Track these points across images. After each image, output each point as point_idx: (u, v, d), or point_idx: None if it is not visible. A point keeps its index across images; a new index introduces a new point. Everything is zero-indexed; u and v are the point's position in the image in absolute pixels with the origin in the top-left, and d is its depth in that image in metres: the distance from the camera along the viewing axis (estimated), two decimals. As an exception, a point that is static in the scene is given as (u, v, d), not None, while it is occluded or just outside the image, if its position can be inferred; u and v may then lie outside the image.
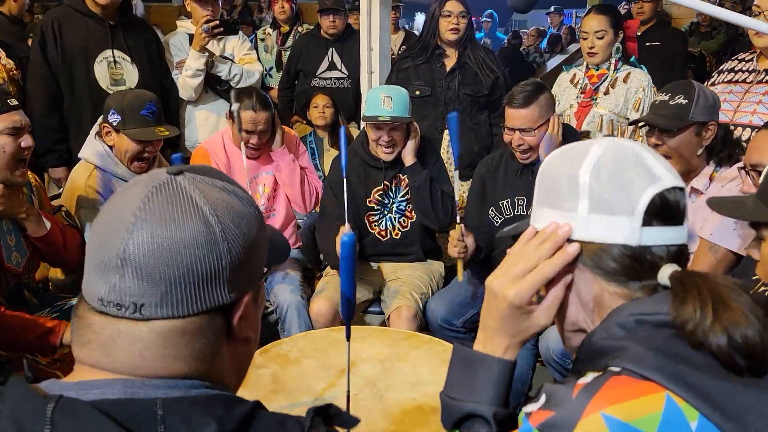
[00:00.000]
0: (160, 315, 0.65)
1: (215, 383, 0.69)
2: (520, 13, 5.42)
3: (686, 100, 1.90)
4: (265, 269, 0.78)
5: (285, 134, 2.60)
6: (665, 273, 0.78)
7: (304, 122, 3.67)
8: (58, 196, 2.51)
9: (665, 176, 0.80)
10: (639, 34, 4.12)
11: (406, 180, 2.47)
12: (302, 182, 2.58)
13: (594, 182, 0.80)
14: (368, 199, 2.49)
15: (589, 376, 0.73)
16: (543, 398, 0.73)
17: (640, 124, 2.15)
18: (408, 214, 2.53)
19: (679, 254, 0.80)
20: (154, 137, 2.18)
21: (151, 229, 0.64)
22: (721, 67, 2.56)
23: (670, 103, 1.92)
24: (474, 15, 3.05)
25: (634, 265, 0.79)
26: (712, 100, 1.94)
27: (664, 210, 0.79)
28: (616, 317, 0.78)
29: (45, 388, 0.65)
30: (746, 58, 2.47)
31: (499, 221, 2.37)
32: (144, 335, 0.65)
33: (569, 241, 0.81)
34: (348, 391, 1.37)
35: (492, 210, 2.39)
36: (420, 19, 6.99)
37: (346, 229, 2.17)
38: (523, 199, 2.33)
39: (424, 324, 2.38)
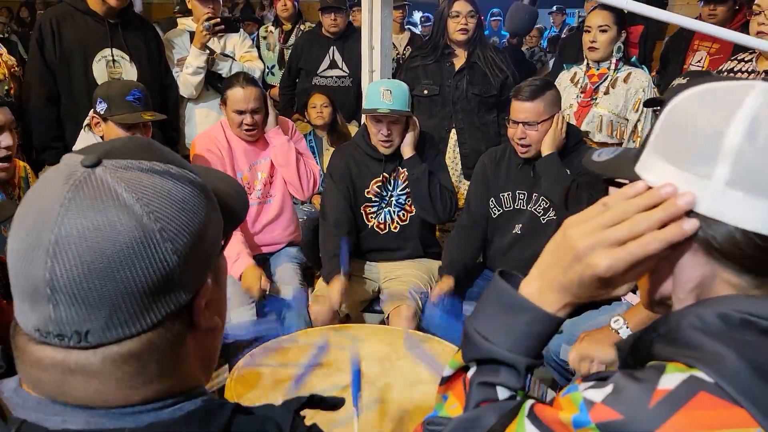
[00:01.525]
0: (109, 339, 0.57)
1: (185, 385, 0.63)
2: (519, 35, 5.39)
3: None
4: (223, 242, 0.68)
5: (279, 119, 2.60)
6: None
7: (305, 120, 3.67)
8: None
9: None
10: None
11: (406, 173, 2.47)
12: (298, 163, 2.57)
13: (746, 147, 0.61)
14: (366, 190, 2.49)
15: (671, 378, 0.60)
16: (610, 388, 0.61)
17: (654, 107, 2.11)
18: (407, 207, 2.53)
19: None
20: (139, 120, 2.18)
21: (76, 247, 0.54)
22: (720, 68, 2.56)
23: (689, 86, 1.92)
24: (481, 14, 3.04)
25: (765, 258, 0.63)
26: None
27: None
28: (719, 306, 0.64)
29: (8, 398, 0.60)
30: (746, 59, 2.46)
31: (498, 213, 2.39)
32: (98, 368, 0.57)
33: (688, 213, 0.64)
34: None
35: (492, 201, 2.40)
36: (417, 17, 6.97)
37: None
38: (524, 194, 2.34)
39: (423, 323, 2.38)
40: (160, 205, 0.58)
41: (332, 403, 0.71)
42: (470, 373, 0.73)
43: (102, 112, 2.17)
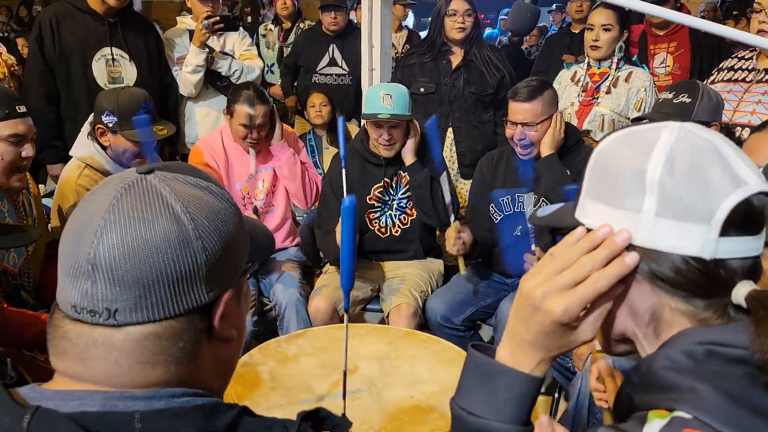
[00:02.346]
0: (136, 320, 0.63)
1: (198, 388, 0.67)
2: (519, 35, 5.39)
3: (690, 99, 1.89)
4: (248, 265, 0.75)
5: (284, 130, 2.59)
6: (741, 292, 0.66)
7: (303, 118, 3.67)
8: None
9: (751, 179, 0.67)
10: None
11: (407, 177, 2.47)
12: (303, 176, 2.57)
13: (666, 178, 0.67)
14: (368, 197, 2.49)
15: (653, 425, 0.62)
16: None
17: (644, 122, 2.14)
18: (408, 211, 2.52)
19: (754, 268, 0.69)
20: (152, 137, 2.17)
21: (120, 231, 0.62)
22: (720, 65, 2.55)
23: (674, 101, 1.92)
24: (484, 13, 3.04)
25: (704, 280, 0.67)
26: (715, 100, 1.93)
27: (747, 219, 0.67)
28: (682, 343, 0.67)
29: (25, 395, 0.64)
30: (746, 56, 2.45)
31: (499, 217, 2.38)
32: (119, 343, 0.63)
33: (628, 248, 0.69)
34: (345, 370, 1.38)
35: (492, 206, 2.39)
36: (412, 15, 6.96)
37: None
38: (522, 197, 2.33)
39: (423, 322, 2.38)
40: (198, 210, 0.66)
41: (336, 423, 0.73)
42: None
43: (111, 125, 2.15)
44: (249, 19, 4.84)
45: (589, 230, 0.72)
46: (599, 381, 1.36)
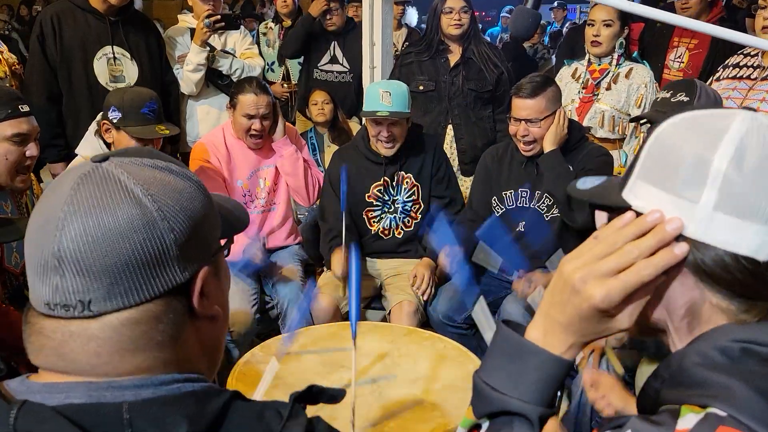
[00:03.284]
0: (111, 308, 0.62)
1: (185, 371, 0.66)
2: (523, 39, 5.38)
3: (687, 98, 1.89)
4: (223, 242, 0.74)
5: (285, 127, 2.59)
6: None
7: (304, 116, 3.67)
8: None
9: None
10: None
11: (409, 178, 2.47)
12: (305, 172, 2.57)
13: (732, 172, 0.63)
14: (367, 195, 2.48)
15: (688, 419, 0.60)
16: None
17: (642, 121, 2.14)
18: (413, 215, 2.52)
19: None
20: (154, 135, 2.17)
21: (81, 221, 0.61)
22: (726, 62, 2.54)
23: (672, 100, 1.92)
24: (485, 11, 3.02)
25: (754, 282, 0.64)
26: (713, 98, 1.92)
27: None
28: (717, 339, 0.64)
29: (13, 389, 0.63)
30: (751, 53, 2.44)
31: (501, 211, 2.38)
32: (96, 332, 0.63)
33: (677, 237, 0.65)
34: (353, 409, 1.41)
35: (495, 200, 2.39)
36: (410, 11, 6.94)
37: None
38: (526, 191, 2.33)
39: (425, 320, 2.38)
40: (159, 190, 0.65)
41: (331, 395, 0.72)
42: (483, 431, 0.72)
43: (115, 121, 2.16)
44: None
45: (638, 214, 0.68)
46: (594, 387, 1.35)
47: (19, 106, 1.74)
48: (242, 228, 0.81)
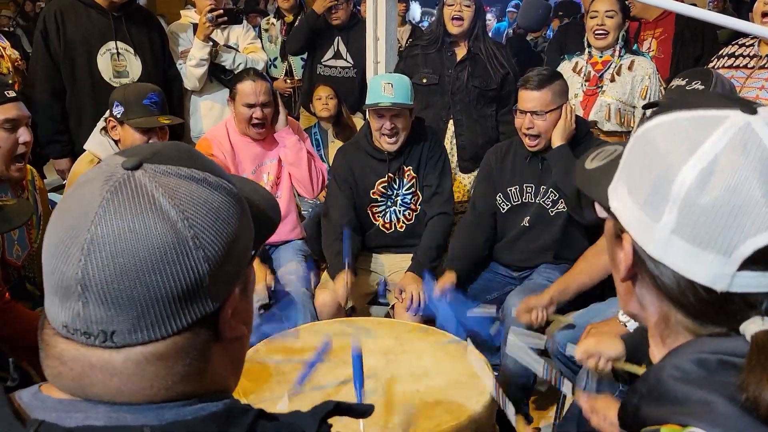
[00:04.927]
0: (135, 341, 0.57)
1: (210, 392, 0.63)
2: (532, 31, 5.35)
3: (703, 87, 1.87)
4: (253, 251, 0.69)
5: (288, 118, 2.59)
6: (750, 329, 0.59)
7: (308, 112, 3.66)
8: (62, 187, 2.51)
9: None
10: None
11: (411, 172, 2.46)
12: (309, 162, 2.56)
13: (693, 195, 0.58)
14: (371, 191, 2.48)
15: None
16: None
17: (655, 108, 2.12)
18: (413, 207, 2.51)
19: None
20: (156, 125, 2.17)
21: (110, 248, 0.55)
22: (720, 52, 2.52)
23: (687, 88, 1.90)
24: (490, 6, 3.01)
25: (711, 310, 0.61)
26: (729, 88, 1.91)
27: None
28: (692, 352, 0.61)
29: (27, 403, 0.60)
30: (747, 43, 2.42)
31: (506, 207, 2.37)
32: (120, 367, 0.58)
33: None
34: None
35: (500, 197, 2.38)
36: (413, 7, 6.93)
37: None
38: (531, 187, 2.32)
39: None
40: (196, 212, 0.59)
41: (360, 411, 0.70)
42: None
43: (118, 116, 2.16)
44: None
45: (615, 217, 0.66)
46: (594, 413, 1.34)
47: (5, 92, 1.74)
48: (273, 231, 0.75)
